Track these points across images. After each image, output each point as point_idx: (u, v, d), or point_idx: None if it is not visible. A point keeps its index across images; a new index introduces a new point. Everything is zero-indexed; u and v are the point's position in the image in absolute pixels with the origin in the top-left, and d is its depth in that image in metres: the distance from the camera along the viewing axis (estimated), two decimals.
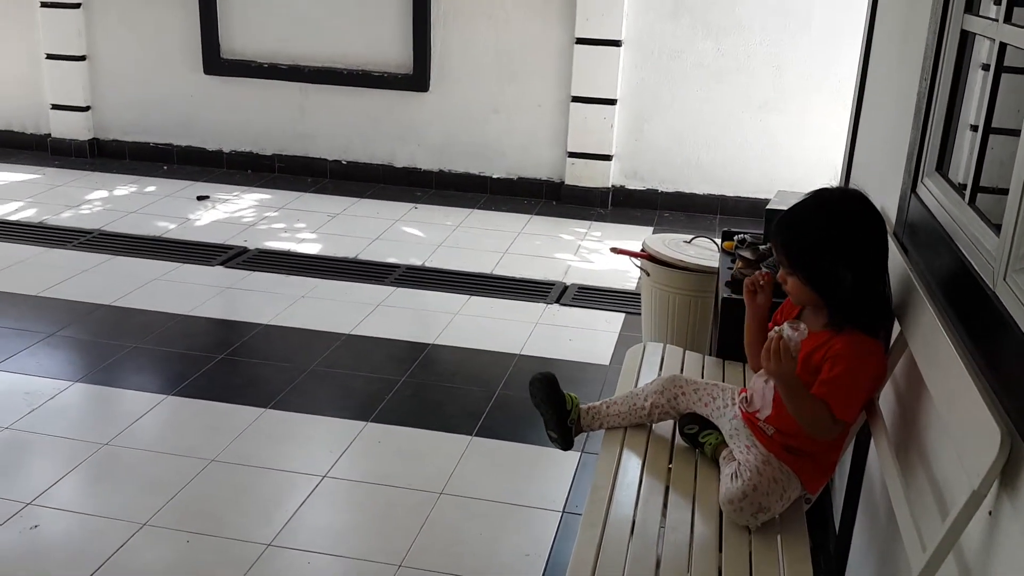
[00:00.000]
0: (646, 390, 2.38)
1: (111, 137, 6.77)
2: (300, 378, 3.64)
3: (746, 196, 5.86)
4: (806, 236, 2.04)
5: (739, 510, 2.00)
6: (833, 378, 1.95)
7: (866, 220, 2.02)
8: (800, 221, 2.07)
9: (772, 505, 2.02)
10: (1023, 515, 1.32)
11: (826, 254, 1.99)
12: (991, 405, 1.44)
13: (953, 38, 2.15)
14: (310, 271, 4.77)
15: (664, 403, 2.34)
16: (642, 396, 2.38)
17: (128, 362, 3.74)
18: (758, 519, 2.01)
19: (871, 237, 2.01)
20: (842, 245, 1.99)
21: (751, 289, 2.28)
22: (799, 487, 2.07)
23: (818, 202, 2.09)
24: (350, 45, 6.21)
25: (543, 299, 4.54)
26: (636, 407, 2.37)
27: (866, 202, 2.08)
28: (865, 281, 1.99)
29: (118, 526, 2.70)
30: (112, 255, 4.87)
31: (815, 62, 5.63)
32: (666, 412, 2.35)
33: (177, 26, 6.39)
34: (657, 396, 2.35)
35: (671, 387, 2.35)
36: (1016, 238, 1.53)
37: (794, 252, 2.04)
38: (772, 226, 2.11)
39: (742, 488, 2.01)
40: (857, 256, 1.98)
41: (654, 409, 2.35)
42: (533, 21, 5.95)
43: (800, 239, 2.04)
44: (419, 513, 2.82)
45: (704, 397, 2.31)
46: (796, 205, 2.12)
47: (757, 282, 2.27)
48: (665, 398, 2.34)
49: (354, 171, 6.44)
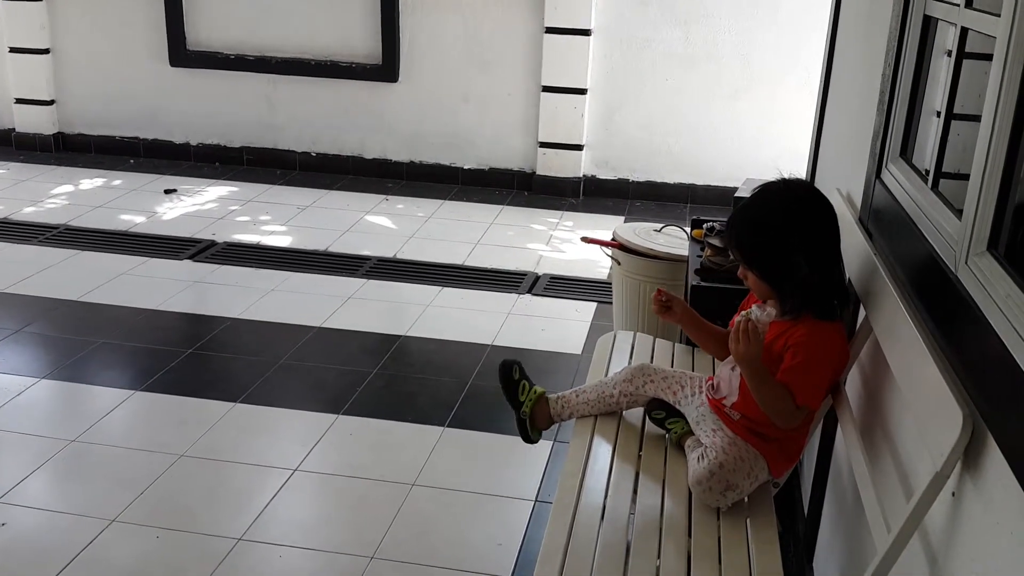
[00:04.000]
0: (615, 378, 2.40)
1: (76, 131, 6.68)
2: (270, 372, 3.61)
3: (716, 184, 5.89)
4: (756, 232, 2.07)
5: (708, 489, 2.02)
6: (794, 366, 1.98)
7: (813, 207, 2.05)
8: (748, 218, 2.11)
9: (740, 483, 2.04)
10: (985, 495, 1.34)
11: (777, 247, 2.02)
12: (953, 387, 1.46)
13: (916, 24, 2.16)
14: (280, 264, 4.74)
15: (633, 391, 2.36)
16: (611, 384, 2.39)
17: (96, 358, 3.70)
18: (727, 497, 2.03)
19: (820, 223, 2.03)
20: (792, 235, 2.01)
21: (661, 309, 2.32)
22: (766, 468, 2.09)
23: (764, 197, 2.12)
24: (318, 35, 6.16)
25: (515, 289, 4.54)
26: (605, 395, 2.38)
27: (812, 189, 2.13)
28: (819, 267, 2.01)
29: (87, 523, 2.68)
30: (78, 250, 4.81)
31: (782, 50, 5.66)
32: (635, 400, 2.37)
33: (142, 18, 6.31)
34: (626, 384, 2.37)
35: (639, 376, 2.37)
36: (977, 222, 1.55)
37: (747, 249, 2.08)
38: (728, 221, 2.15)
39: (709, 467, 2.03)
40: (808, 244, 2.01)
41: (623, 397, 2.37)
42: (502, 10, 5.93)
43: (750, 236, 2.08)
44: (391, 505, 2.82)
45: (673, 386, 2.33)
46: (744, 203, 2.15)
47: (660, 300, 2.32)
48: (634, 386, 2.36)
49: (324, 163, 6.40)
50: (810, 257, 2.00)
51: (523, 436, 2.45)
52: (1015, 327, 1.30)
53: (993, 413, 1.34)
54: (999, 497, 1.28)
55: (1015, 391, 1.24)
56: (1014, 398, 1.25)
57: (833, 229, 2.05)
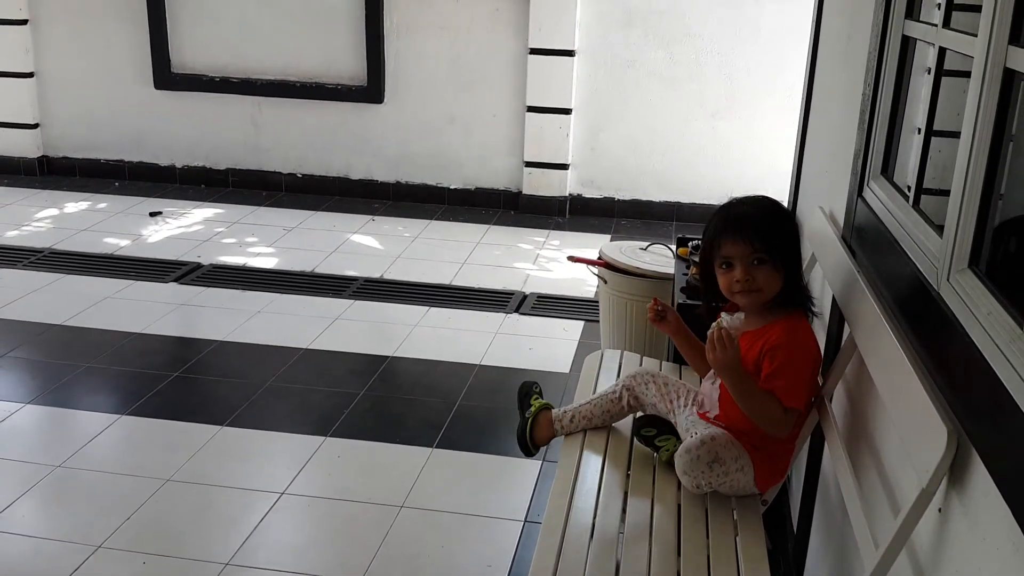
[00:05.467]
0: (619, 379, 2.46)
1: (61, 154, 6.66)
2: (257, 394, 3.60)
3: (700, 202, 5.92)
4: (784, 227, 2.15)
5: (696, 459, 2.05)
6: (776, 370, 2.02)
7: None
8: (775, 213, 2.18)
9: (727, 461, 2.06)
10: (971, 512, 1.35)
11: (796, 240, 2.15)
12: (938, 404, 1.47)
13: (895, 44, 2.19)
14: (266, 286, 4.73)
15: (635, 386, 2.39)
16: (614, 383, 2.44)
17: (81, 382, 3.67)
18: (712, 473, 2.05)
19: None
20: (797, 237, 2.16)
21: (656, 318, 2.37)
22: (751, 470, 2.10)
23: (764, 200, 2.21)
24: (303, 57, 6.18)
25: (502, 309, 4.54)
26: (605, 394, 2.42)
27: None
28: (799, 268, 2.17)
29: (73, 549, 2.65)
30: (63, 274, 4.79)
31: (765, 69, 5.71)
32: (635, 398, 2.39)
33: (126, 41, 6.31)
34: (629, 379, 2.40)
35: (644, 373, 2.41)
36: (958, 239, 1.56)
37: (776, 241, 2.11)
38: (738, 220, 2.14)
39: (700, 437, 2.08)
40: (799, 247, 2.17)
41: (625, 391, 2.39)
42: (487, 31, 5.97)
43: (781, 229, 2.14)
44: (380, 527, 2.80)
45: (670, 393, 2.37)
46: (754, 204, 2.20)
47: (656, 309, 2.37)
48: (637, 381, 2.39)
49: (310, 184, 6.41)
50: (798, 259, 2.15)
51: (521, 444, 2.47)
52: (997, 344, 1.31)
53: (977, 429, 1.35)
54: (985, 513, 1.29)
55: (999, 407, 1.25)
56: (998, 414, 1.26)
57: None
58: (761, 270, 2.10)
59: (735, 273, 2.10)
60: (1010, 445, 1.22)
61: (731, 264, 2.11)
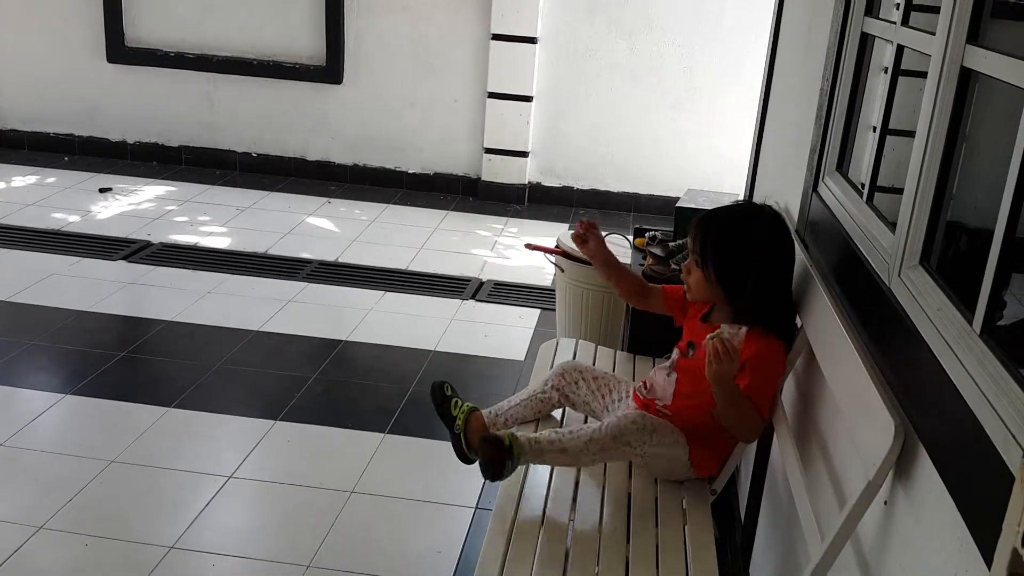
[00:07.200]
0: (546, 376, 2.44)
1: (9, 127, 6.49)
2: (205, 376, 3.55)
3: (658, 194, 5.94)
4: (726, 234, 2.13)
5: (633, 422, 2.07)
6: (756, 383, 2.02)
7: (780, 234, 2.14)
8: (725, 219, 2.18)
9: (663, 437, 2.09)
10: (917, 504, 1.36)
11: (737, 254, 2.10)
12: (886, 397, 1.49)
13: (854, 41, 2.21)
14: (217, 266, 4.66)
15: (564, 386, 2.39)
16: (540, 381, 2.43)
17: (25, 360, 3.59)
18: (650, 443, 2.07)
19: (781, 249, 2.13)
20: (753, 250, 2.09)
21: (579, 241, 2.47)
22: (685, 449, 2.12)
23: (744, 209, 2.27)
24: (261, 35, 6.08)
25: (459, 295, 4.53)
26: (535, 393, 2.41)
27: (783, 220, 2.20)
28: (768, 286, 2.09)
29: (13, 529, 2.59)
30: (9, 248, 4.67)
31: (725, 63, 5.74)
32: (565, 397, 2.40)
33: (79, 12, 6.16)
34: (558, 379, 2.40)
35: (571, 370, 2.40)
36: (910, 236, 1.58)
37: (709, 245, 2.12)
38: (699, 219, 2.19)
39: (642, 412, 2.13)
40: (765, 263, 2.09)
41: (554, 392, 2.40)
42: (449, 15, 5.92)
43: (719, 234, 2.13)
44: (329, 513, 2.78)
45: (602, 388, 2.38)
46: (725, 207, 2.26)
47: (579, 234, 2.47)
48: (566, 381, 2.39)
49: (265, 164, 6.32)
50: (761, 276, 2.08)
51: (459, 455, 2.36)
52: (945, 339, 1.33)
53: (924, 423, 1.36)
54: (930, 506, 1.30)
55: (946, 402, 1.27)
56: (945, 409, 1.28)
57: (791, 260, 2.16)
58: (696, 271, 2.15)
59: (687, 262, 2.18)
60: (957, 440, 1.24)
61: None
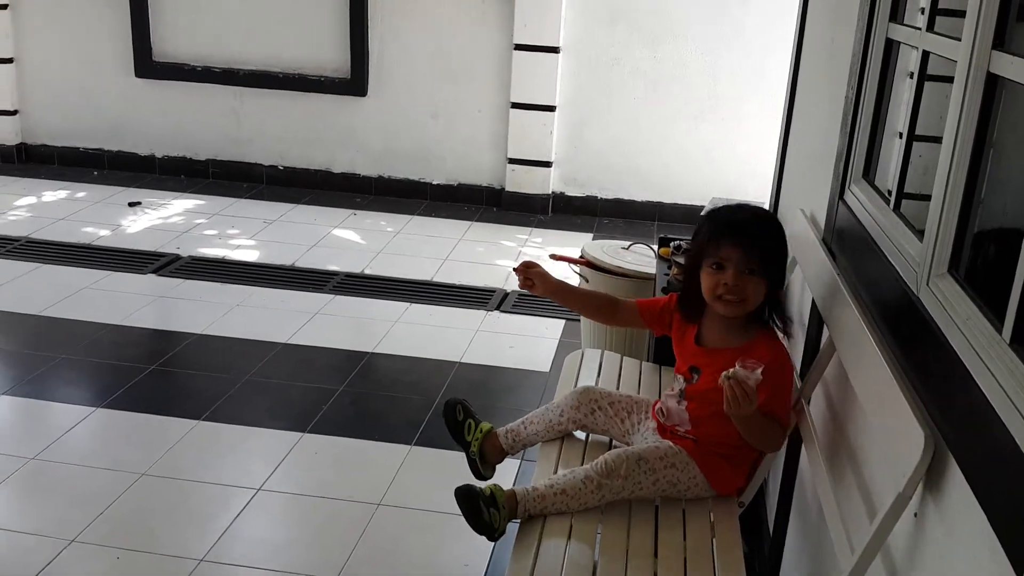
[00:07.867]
0: (561, 405, 2.37)
1: (40, 142, 6.59)
2: (235, 389, 3.57)
3: (682, 203, 5.93)
4: (779, 244, 2.14)
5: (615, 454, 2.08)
6: (773, 394, 1.99)
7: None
8: (769, 225, 2.17)
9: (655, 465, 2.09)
10: (948, 517, 1.35)
11: (784, 261, 2.16)
12: (916, 408, 1.47)
13: (878, 47, 2.19)
14: (245, 279, 4.70)
15: (581, 418, 2.34)
16: (557, 412, 2.36)
17: (57, 373, 3.63)
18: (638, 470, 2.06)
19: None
20: (786, 255, 2.17)
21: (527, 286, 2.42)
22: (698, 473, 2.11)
23: (769, 214, 2.26)
24: (286, 48, 6.14)
25: (484, 306, 4.53)
26: (552, 423, 2.36)
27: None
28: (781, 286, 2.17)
29: (46, 542, 2.62)
30: (40, 263, 4.74)
31: (749, 70, 5.72)
32: (583, 426, 2.36)
33: (108, 28, 6.25)
34: (573, 411, 2.34)
35: (586, 401, 2.34)
36: (938, 244, 1.57)
37: (770, 256, 2.11)
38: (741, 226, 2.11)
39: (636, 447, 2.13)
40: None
41: (571, 424, 2.35)
42: (472, 25, 5.95)
43: (778, 239, 2.14)
44: (357, 525, 2.79)
45: (620, 412, 2.33)
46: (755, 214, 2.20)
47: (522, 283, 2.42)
48: (581, 413, 2.34)
49: (291, 177, 6.37)
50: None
51: (475, 474, 2.38)
52: (975, 349, 1.32)
53: (955, 434, 1.35)
54: (961, 519, 1.29)
55: (976, 412, 1.25)
56: (976, 420, 1.27)
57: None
58: (751, 280, 2.07)
59: (725, 276, 2.06)
60: (987, 451, 1.23)
61: (723, 267, 2.07)
